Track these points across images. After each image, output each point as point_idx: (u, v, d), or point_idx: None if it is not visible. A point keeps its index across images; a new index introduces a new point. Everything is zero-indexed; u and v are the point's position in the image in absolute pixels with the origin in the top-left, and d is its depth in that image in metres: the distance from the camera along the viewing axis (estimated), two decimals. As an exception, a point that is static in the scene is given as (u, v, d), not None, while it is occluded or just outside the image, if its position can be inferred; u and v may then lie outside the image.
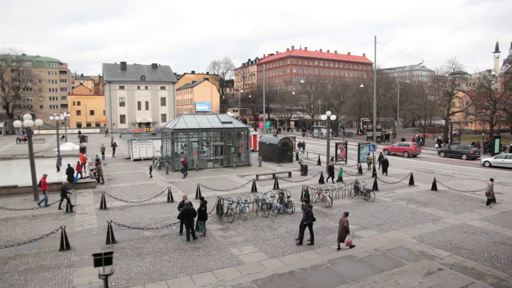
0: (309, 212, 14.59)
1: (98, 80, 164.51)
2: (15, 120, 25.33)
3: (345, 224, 13.90)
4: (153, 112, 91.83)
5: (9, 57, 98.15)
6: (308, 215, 14.57)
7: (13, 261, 13.42)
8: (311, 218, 14.57)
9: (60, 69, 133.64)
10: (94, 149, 47.89)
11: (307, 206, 14.88)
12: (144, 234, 16.03)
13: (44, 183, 21.20)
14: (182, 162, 29.50)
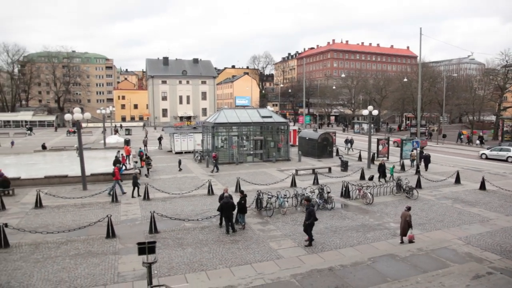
0: (312, 211, 14.06)
1: (141, 75, 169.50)
2: (65, 114, 26.63)
3: (407, 218, 13.81)
4: (194, 106, 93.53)
5: (61, 54, 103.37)
6: (310, 214, 14.00)
7: (65, 246, 14.20)
8: (313, 217, 13.98)
9: (106, 64, 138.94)
10: (138, 142, 49.47)
11: (309, 205, 14.43)
12: (185, 225, 16.43)
13: (117, 173, 22.24)
14: (214, 157, 29.67)
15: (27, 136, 60.21)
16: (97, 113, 72.11)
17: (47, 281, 11.44)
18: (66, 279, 11.60)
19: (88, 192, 22.22)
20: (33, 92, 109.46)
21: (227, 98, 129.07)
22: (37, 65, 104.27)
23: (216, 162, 29.33)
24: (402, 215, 14.25)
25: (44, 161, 35.61)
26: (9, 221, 15.74)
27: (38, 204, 19.49)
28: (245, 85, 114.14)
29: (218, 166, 29.39)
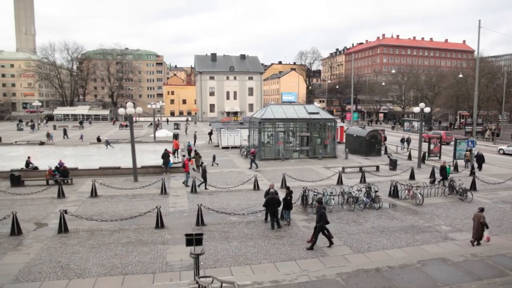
0: (323, 214, 13.54)
1: (190, 71, 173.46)
2: (119, 108, 27.86)
3: (481, 219, 13.25)
4: (241, 102, 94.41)
5: (115, 51, 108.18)
6: (321, 217, 13.47)
7: (117, 234, 14.91)
8: (324, 220, 13.48)
9: (156, 61, 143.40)
10: (186, 136, 50.81)
11: (320, 208, 13.84)
12: (231, 219, 16.68)
13: (187, 165, 23.28)
14: (252, 153, 29.61)
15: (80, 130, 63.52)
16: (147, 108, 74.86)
17: (101, 266, 12.08)
18: (118, 265, 12.18)
19: (139, 184, 23.15)
20: (89, 87, 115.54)
21: (273, 94, 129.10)
22: (93, 62, 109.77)
23: (254, 158, 29.19)
24: (474, 217, 13.67)
25: (99, 153, 37.50)
26: (68, 208, 16.74)
27: (93, 194, 20.61)
28: (292, 81, 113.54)
29: (256, 163, 29.21)
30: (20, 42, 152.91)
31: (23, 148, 39.62)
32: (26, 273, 11.62)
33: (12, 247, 13.60)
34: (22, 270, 11.80)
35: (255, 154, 29.70)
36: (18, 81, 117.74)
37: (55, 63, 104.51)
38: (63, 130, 52.36)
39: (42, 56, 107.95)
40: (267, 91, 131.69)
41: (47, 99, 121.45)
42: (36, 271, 11.77)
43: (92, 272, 11.72)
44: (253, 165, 28.86)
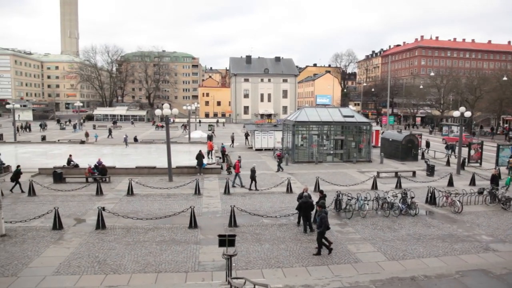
0: (323, 218, 13.07)
1: (225, 73, 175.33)
2: (155, 109, 28.55)
3: None
4: (275, 104, 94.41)
5: (152, 53, 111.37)
6: (321, 221, 13.04)
7: (152, 232, 15.26)
8: (324, 225, 13.04)
9: (192, 63, 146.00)
10: (220, 137, 51.36)
11: (321, 212, 13.38)
12: (263, 221, 16.68)
13: (237, 166, 23.63)
14: (278, 156, 29.35)
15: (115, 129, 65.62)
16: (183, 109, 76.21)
17: (136, 263, 12.39)
18: (153, 263, 12.44)
19: (174, 184, 23.58)
20: (127, 88, 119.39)
21: (308, 96, 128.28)
22: (132, 64, 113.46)
23: (280, 161, 28.96)
24: None
25: (136, 153, 38.56)
26: (105, 206, 17.28)
27: (129, 192, 21.19)
28: (327, 83, 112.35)
29: (281, 166, 28.92)
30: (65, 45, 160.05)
31: (65, 146, 41.37)
32: (66, 266, 12.10)
33: (54, 241, 14.21)
34: (63, 263, 12.30)
35: (281, 156, 29.47)
36: (61, 82, 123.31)
37: (96, 65, 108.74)
38: (108, 130, 54.57)
39: (84, 59, 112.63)
40: (302, 94, 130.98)
41: (87, 100, 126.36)
42: (75, 264, 12.23)
43: (128, 268, 12.04)
44: (280, 168, 28.77)
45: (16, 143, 44.02)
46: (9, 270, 11.89)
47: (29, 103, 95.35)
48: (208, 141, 41.10)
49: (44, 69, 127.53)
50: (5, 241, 14.18)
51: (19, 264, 12.25)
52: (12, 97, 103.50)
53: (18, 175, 21.83)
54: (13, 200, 19.86)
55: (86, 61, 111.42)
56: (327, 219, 13.19)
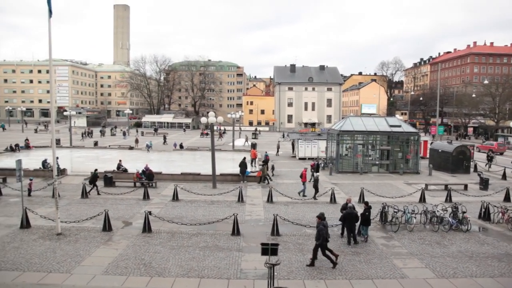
0: (321, 230, 12.72)
1: (269, 82, 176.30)
2: (201, 117, 29.22)
3: None
4: (319, 113, 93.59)
5: (198, 63, 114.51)
6: (319, 233, 12.69)
7: (195, 237, 15.54)
8: (322, 238, 12.65)
9: (237, 72, 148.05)
10: (264, 145, 51.57)
11: (320, 223, 13.06)
12: (306, 231, 16.50)
13: (304, 175, 23.41)
14: (312, 166, 28.61)
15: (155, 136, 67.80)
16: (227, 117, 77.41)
17: (180, 267, 12.65)
18: (196, 268, 12.65)
19: (217, 191, 23.93)
20: (174, 97, 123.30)
21: (352, 105, 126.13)
22: (178, 73, 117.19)
23: (313, 171, 28.09)
24: None
25: (181, 159, 39.55)
26: (152, 210, 17.82)
27: (175, 197, 21.75)
28: (372, 92, 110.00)
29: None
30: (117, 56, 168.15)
31: (115, 152, 43.26)
32: (114, 267, 12.58)
33: (104, 242, 14.84)
34: (111, 264, 12.81)
35: (314, 167, 28.56)
36: (113, 90, 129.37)
37: (145, 74, 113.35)
38: (163, 137, 56.98)
39: (135, 68, 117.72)
40: (346, 103, 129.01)
41: (136, 107, 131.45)
42: (123, 266, 12.69)
43: (172, 272, 12.32)
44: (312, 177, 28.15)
45: (71, 147, 46.55)
46: (64, 267, 12.57)
47: (84, 111, 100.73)
48: (251, 149, 41.39)
49: (97, 78, 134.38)
50: (60, 240, 15.02)
51: (72, 262, 12.91)
52: (69, 105, 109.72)
53: (95, 178, 23.04)
54: (68, 202, 20.99)
55: (136, 70, 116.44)
56: (324, 232, 12.87)
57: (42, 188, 23.66)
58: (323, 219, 13.44)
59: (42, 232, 15.86)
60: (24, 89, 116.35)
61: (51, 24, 15.44)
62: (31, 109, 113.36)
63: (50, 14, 15.26)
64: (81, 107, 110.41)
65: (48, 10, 15.14)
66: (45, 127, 78.14)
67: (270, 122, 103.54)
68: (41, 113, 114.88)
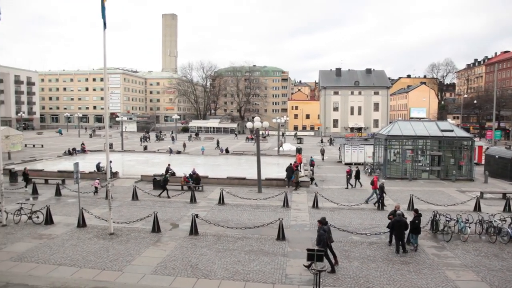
0: (322, 235, 12.50)
1: (314, 86, 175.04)
2: (246, 122, 29.55)
3: None
4: (365, 117, 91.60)
5: (244, 68, 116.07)
6: (320, 238, 12.46)
7: (241, 241, 15.69)
8: (322, 242, 12.35)
9: (282, 77, 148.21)
10: (309, 150, 51.19)
11: (320, 228, 12.86)
12: (352, 238, 16.17)
13: (375, 182, 22.56)
14: (347, 172, 27.51)
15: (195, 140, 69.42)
16: (272, 122, 77.68)
17: (226, 270, 12.82)
18: (241, 271, 12.77)
19: (263, 195, 24.04)
20: (220, 102, 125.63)
21: (401, 109, 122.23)
22: (224, 79, 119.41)
23: (349, 178, 27.28)
24: None
25: (227, 163, 40.14)
26: (198, 213, 18.18)
27: (221, 201, 22.10)
28: (422, 95, 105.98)
29: (351, 183, 27.28)
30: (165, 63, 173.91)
31: (163, 156, 44.68)
32: (162, 267, 12.99)
33: (153, 243, 15.37)
34: (160, 264, 13.24)
35: (350, 172, 27.53)
36: (161, 97, 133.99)
37: (192, 80, 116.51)
38: (216, 141, 58.31)
39: (182, 75, 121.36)
40: (394, 107, 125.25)
41: (184, 113, 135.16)
42: (171, 266, 13.07)
43: (217, 274, 12.51)
44: (349, 185, 27.30)
45: (123, 151, 48.65)
46: (116, 265, 13.15)
47: (134, 116, 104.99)
48: (297, 154, 41.23)
49: (147, 85, 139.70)
50: (113, 239, 15.74)
51: (124, 261, 13.47)
52: (120, 111, 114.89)
53: (166, 182, 23.93)
54: (120, 203, 21.95)
55: (183, 77, 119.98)
56: (325, 237, 12.66)
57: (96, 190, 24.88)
58: (324, 223, 13.34)
59: (96, 232, 16.70)
60: (81, 96, 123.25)
61: (105, 35, 16.32)
62: (86, 115, 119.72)
63: (104, 26, 16.14)
64: (131, 113, 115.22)
65: (103, 23, 16.02)
66: (93, 131, 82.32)
67: (315, 126, 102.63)
68: (95, 119, 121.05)
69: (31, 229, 17.11)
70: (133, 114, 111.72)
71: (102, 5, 15.70)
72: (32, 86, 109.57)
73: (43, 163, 36.72)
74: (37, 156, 42.60)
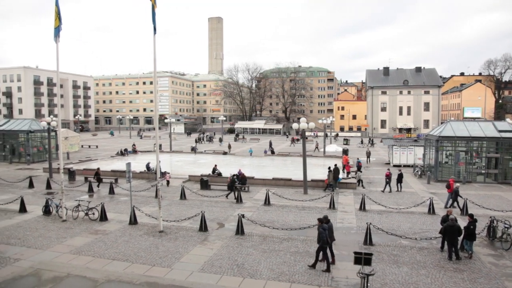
0: (321, 233, 12.89)
1: (361, 86, 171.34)
2: (291, 123, 29.48)
3: None
4: (415, 118, 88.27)
5: (289, 69, 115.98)
6: (319, 236, 12.93)
7: (286, 242, 15.68)
8: (322, 241, 12.81)
9: (328, 77, 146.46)
10: (355, 151, 50.17)
11: (320, 226, 13.14)
12: (402, 242, 15.66)
13: (451, 185, 21.86)
14: (387, 175, 26.20)
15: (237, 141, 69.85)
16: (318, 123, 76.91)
17: (271, 271, 12.87)
18: (286, 272, 12.76)
19: (308, 196, 23.88)
20: (265, 103, 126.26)
21: (453, 109, 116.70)
22: (269, 80, 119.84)
23: (389, 182, 26.01)
24: None
25: (272, 164, 40.22)
26: (245, 213, 18.39)
27: (266, 202, 22.20)
28: (476, 94, 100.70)
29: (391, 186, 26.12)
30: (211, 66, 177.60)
31: (210, 156, 45.57)
32: (209, 265, 13.27)
33: (200, 241, 15.74)
34: (207, 262, 13.53)
35: (390, 176, 26.14)
36: (208, 99, 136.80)
37: (238, 82, 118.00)
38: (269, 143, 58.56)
39: (228, 77, 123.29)
40: (446, 106, 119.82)
41: (229, 114, 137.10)
42: (217, 265, 13.32)
43: (263, 274, 12.59)
44: (387, 188, 26.07)
45: (171, 152, 50.15)
46: (165, 262, 13.61)
47: (182, 118, 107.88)
48: (343, 155, 40.54)
49: (194, 87, 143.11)
50: (162, 237, 16.29)
51: (173, 258, 13.91)
52: (169, 113, 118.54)
53: (234, 183, 24.13)
54: (168, 202, 22.68)
55: (229, 79, 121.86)
56: (325, 235, 12.92)
57: (146, 189, 25.88)
58: (326, 222, 13.52)
59: (147, 229, 17.37)
60: (132, 99, 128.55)
61: (155, 40, 16.95)
62: (137, 117, 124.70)
63: (154, 31, 16.76)
64: (179, 115, 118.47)
65: (153, 28, 16.65)
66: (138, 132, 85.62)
67: (362, 127, 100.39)
68: (145, 121, 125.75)
69: (87, 224, 18.11)
70: (181, 116, 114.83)
71: (153, 11, 16.32)
72: (88, 90, 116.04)
73: (97, 162, 38.70)
74: (92, 156, 44.98)
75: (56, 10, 17.99)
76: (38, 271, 11.92)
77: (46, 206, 19.84)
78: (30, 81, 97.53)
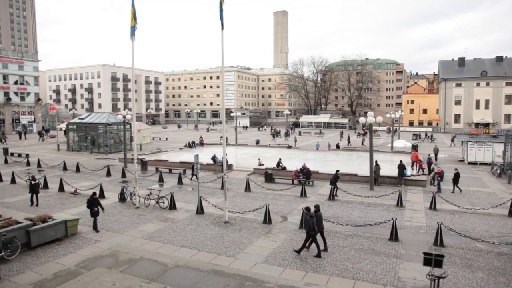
0: (307, 220, 13.55)
1: (432, 79, 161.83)
2: (358, 117, 28.69)
3: None
4: (494, 112, 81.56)
5: (355, 62, 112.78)
6: (305, 223, 13.71)
7: (351, 239, 15.40)
8: (308, 227, 13.43)
9: (396, 69, 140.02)
10: (426, 147, 47.68)
11: (306, 214, 13.84)
12: (477, 246, 14.65)
13: None
14: (438, 173, 24.15)
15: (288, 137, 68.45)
16: (386, 117, 74.02)
17: (335, 266, 12.73)
18: (350, 269, 12.55)
19: (375, 193, 23.19)
20: (330, 97, 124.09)
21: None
22: (335, 73, 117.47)
23: (440, 180, 24.02)
24: None
25: (337, 159, 39.52)
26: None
27: (331, 197, 21.92)
28: None
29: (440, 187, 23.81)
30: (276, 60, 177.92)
31: (275, 150, 45.86)
32: (272, 258, 13.44)
33: (264, 233, 15.97)
34: (270, 254, 13.72)
35: (442, 174, 24.27)
36: (273, 93, 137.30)
37: (303, 76, 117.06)
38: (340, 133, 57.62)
39: (293, 70, 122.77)
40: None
41: (294, 108, 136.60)
42: (280, 257, 13.44)
43: (326, 270, 12.49)
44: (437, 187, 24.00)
45: (236, 145, 51.23)
46: (230, 251, 14.03)
47: (247, 112, 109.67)
48: (413, 151, 38.70)
49: (259, 81, 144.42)
50: (227, 227, 16.78)
51: (237, 249, 14.29)
52: (234, 107, 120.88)
53: (336, 178, 23.07)
54: (234, 194, 23.26)
55: (294, 72, 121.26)
56: (311, 222, 13.38)
57: (213, 181, 26.72)
58: (309, 210, 14.17)
59: (212, 219, 17.98)
60: (199, 93, 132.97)
61: (223, 35, 17.36)
62: (204, 111, 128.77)
63: (222, 27, 17.18)
64: (245, 109, 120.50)
65: (220, 24, 17.06)
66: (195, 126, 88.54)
67: (433, 122, 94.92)
68: (212, 114, 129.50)
69: (158, 212, 19.18)
70: (246, 110, 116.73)
71: (220, 8, 16.72)
72: (159, 85, 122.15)
73: (167, 154, 40.62)
74: (162, 148, 47.37)
75: (132, 10, 19.12)
76: (115, 252, 12.87)
77: (122, 194, 21.31)
78: (108, 77, 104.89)
